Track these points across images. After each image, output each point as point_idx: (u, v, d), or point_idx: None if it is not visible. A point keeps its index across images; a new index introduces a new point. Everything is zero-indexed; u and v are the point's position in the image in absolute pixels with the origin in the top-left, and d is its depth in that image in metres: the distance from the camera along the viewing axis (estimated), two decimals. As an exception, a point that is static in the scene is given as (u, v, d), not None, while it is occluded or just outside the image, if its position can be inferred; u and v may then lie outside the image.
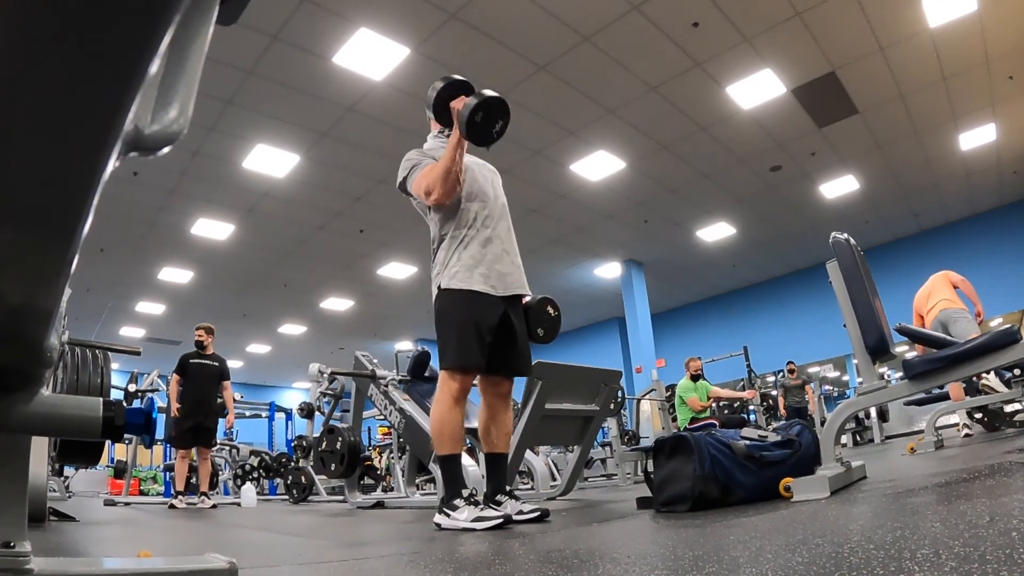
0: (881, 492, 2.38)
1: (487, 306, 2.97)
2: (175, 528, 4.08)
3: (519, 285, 3.12)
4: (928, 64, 8.16)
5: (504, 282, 3.04)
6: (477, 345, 2.93)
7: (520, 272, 3.16)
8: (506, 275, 3.06)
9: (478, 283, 2.97)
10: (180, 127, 0.64)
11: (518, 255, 3.20)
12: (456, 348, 2.95)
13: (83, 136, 0.50)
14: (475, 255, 3.01)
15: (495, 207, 3.14)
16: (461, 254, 3.03)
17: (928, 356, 2.68)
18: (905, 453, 5.53)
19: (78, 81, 0.44)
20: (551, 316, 3.34)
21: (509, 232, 3.18)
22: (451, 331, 2.97)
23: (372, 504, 5.51)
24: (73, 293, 1.38)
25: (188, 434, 6.94)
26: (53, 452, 3.60)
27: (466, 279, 2.97)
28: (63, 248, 0.64)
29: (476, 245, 3.03)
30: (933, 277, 6.96)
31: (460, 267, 3.00)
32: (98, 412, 1.11)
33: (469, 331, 2.93)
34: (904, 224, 13.87)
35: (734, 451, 2.63)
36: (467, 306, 2.95)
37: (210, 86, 7.35)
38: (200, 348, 7.30)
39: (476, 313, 2.94)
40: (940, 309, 6.50)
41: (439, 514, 2.82)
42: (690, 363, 8.55)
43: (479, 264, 3.00)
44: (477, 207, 3.08)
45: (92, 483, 13.30)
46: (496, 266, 3.03)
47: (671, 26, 7.18)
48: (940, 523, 1.39)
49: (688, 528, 2.00)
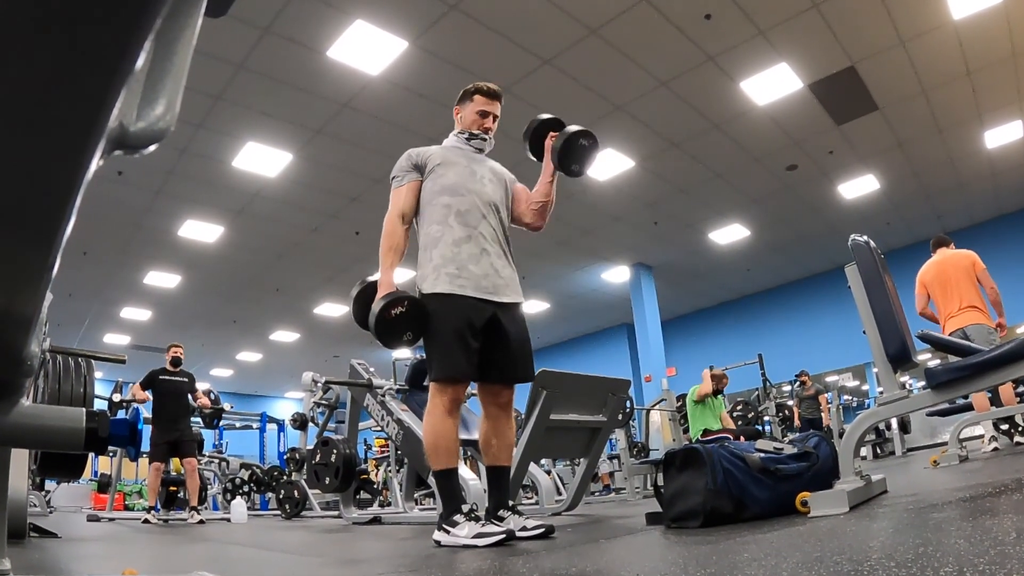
0: (903, 507, 2.37)
1: (468, 309, 2.94)
2: (161, 545, 4.08)
3: (496, 290, 3.05)
4: (952, 58, 8.15)
5: (478, 284, 2.99)
6: (462, 353, 2.91)
7: (500, 276, 3.08)
8: (482, 277, 3.01)
9: (443, 284, 2.95)
10: (167, 124, 0.64)
11: (504, 256, 3.15)
12: (440, 358, 2.95)
13: (65, 133, 0.50)
14: (445, 254, 3.00)
15: (478, 203, 3.10)
16: (432, 253, 3.03)
17: (952, 364, 2.67)
18: (928, 466, 5.51)
19: (60, 75, 0.44)
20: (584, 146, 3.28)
21: (495, 232, 3.13)
22: (434, 340, 2.97)
23: (368, 520, 5.50)
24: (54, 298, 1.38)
25: (163, 447, 7.11)
26: (34, 465, 3.60)
27: (434, 282, 2.98)
28: (44, 251, 0.64)
29: (447, 243, 3.01)
30: (955, 258, 6.42)
31: (429, 267, 3.02)
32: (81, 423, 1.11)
33: (450, 339, 2.91)
34: (926, 226, 13.82)
35: (748, 464, 2.63)
36: (446, 312, 2.93)
37: (198, 81, 7.36)
38: (175, 365, 7.42)
39: (456, 318, 2.92)
40: (971, 323, 6.09)
41: (438, 530, 2.82)
42: (720, 377, 8.33)
43: (448, 263, 2.98)
44: (451, 200, 3.07)
45: (74, 498, 13.30)
46: (470, 267, 2.99)
47: (682, 18, 7.18)
48: (964, 540, 1.39)
49: (700, 545, 1.99)
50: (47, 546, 3.50)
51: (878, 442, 11.93)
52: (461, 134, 3.28)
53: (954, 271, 6.33)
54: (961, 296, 6.24)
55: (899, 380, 2.87)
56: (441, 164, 3.14)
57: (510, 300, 3.10)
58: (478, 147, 3.29)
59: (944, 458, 5.51)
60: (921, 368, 2.89)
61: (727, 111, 9.01)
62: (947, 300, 6.33)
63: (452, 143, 3.30)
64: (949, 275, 6.35)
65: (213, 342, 17.68)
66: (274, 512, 8.91)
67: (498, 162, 3.39)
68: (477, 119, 3.25)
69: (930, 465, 5.49)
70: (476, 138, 3.27)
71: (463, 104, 3.29)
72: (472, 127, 3.26)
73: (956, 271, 6.33)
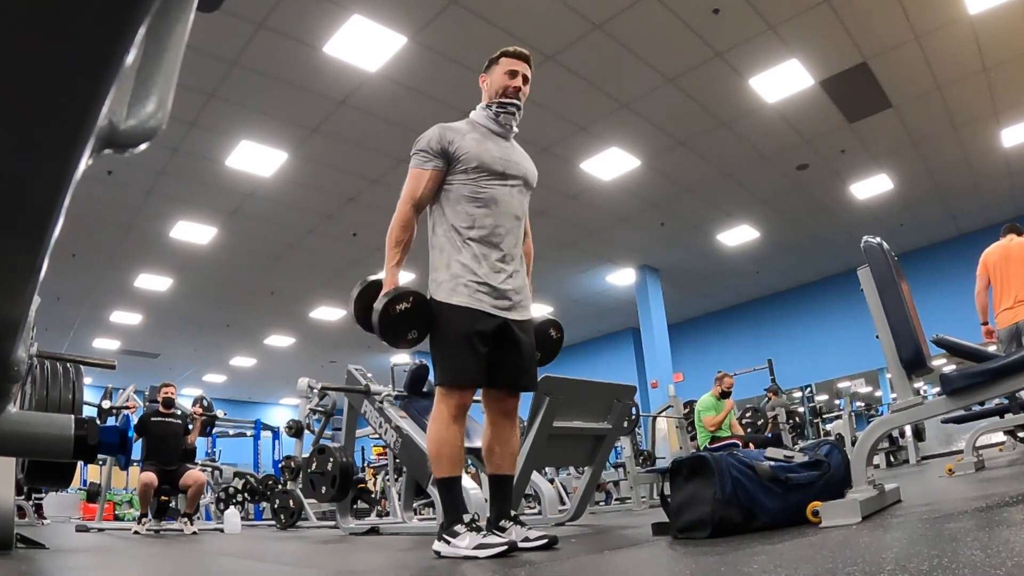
0: (917, 517, 2.37)
1: (478, 317, 2.93)
2: (152, 556, 4.08)
3: (513, 307, 3.05)
4: (968, 54, 8.15)
5: (496, 300, 2.98)
6: (473, 358, 2.90)
7: (519, 293, 3.08)
8: (501, 292, 2.99)
9: (462, 296, 2.93)
10: (158, 122, 0.65)
11: (524, 274, 3.16)
12: (450, 362, 2.94)
13: (53, 132, 0.50)
14: (467, 264, 2.97)
15: (505, 216, 3.07)
16: (451, 261, 2.99)
17: (968, 370, 2.67)
18: (943, 475, 5.50)
19: (48, 72, 0.44)
20: (552, 339, 3.35)
21: (516, 247, 3.12)
22: (444, 344, 2.96)
23: (366, 530, 5.50)
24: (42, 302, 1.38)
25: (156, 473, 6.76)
26: (21, 474, 3.60)
27: (450, 291, 2.95)
28: (31, 253, 0.64)
29: (469, 255, 2.98)
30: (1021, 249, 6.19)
31: (447, 276, 2.98)
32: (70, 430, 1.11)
33: (463, 343, 2.90)
34: (941, 227, 13.83)
35: (758, 473, 2.62)
36: (461, 318, 2.93)
37: (190, 78, 7.36)
38: (168, 407, 7.24)
39: (471, 324, 2.92)
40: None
41: (438, 541, 2.81)
42: (724, 379, 8.41)
43: (467, 275, 2.95)
44: (480, 211, 3.03)
45: (63, 507, 13.30)
46: (489, 281, 2.98)
47: (689, 13, 7.19)
48: (981, 550, 1.39)
49: (708, 556, 1.99)
50: (35, 557, 3.50)
51: (892, 450, 11.89)
52: (488, 107, 3.18)
53: (1017, 262, 6.15)
54: (1019, 289, 6.08)
55: (913, 386, 2.86)
56: (468, 155, 3.04)
57: (523, 318, 3.10)
58: (506, 123, 3.17)
59: (960, 466, 5.50)
60: (936, 374, 2.88)
61: (736, 109, 9.01)
62: (1004, 291, 6.21)
63: (480, 118, 3.19)
64: (1011, 264, 6.18)
65: (206, 347, 17.70)
66: (269, 522, 8.91)
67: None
68: (505, 79, 3.13)
69: (945, 474, 5.48)
70: (505, 111, 3.15)
71: (489, 70, 3.20)
72: (501, 92, 3.14)
73: (1019, 263, 6.15)
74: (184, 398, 14.50)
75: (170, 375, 18.38)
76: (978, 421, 6.09)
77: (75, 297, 13.35)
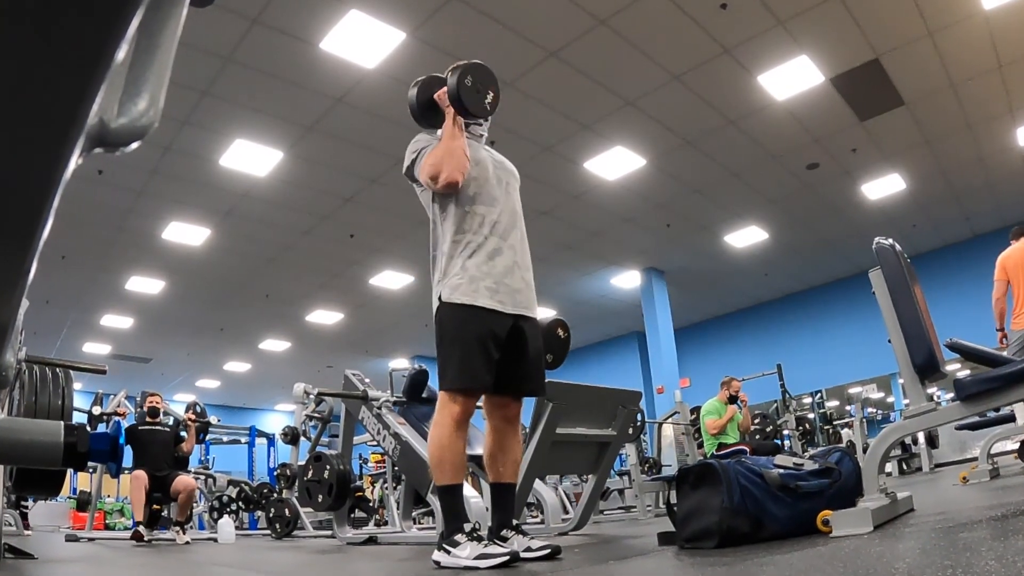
0: (930, 526, 2.37)
1: (494, 319, 2.95)
2: (144, 567, 4.08)
3: (528, 305, 3.09)
4: (982, 50, 8.15)
5: (514, 299, 3.01)
6: (483, 363, 2.90)
7: (531, 290, 3.13)
8: (516, 292, 3.03)
9: (484, 298, 2.94)
10: (150, 120, 0.65)
11: (530, 270, 3.18)
12: (458, 366, 2.93)
13: (41, 130, 0.50)
14: (481, 266, 2.99)
15: (506, 214, 3.11)
16: (465, 263, 3.00)
17: (983, 375, 2.66)
18: (957, 483, 5.49)
19: (36, 68, 0.44)
20: (560, 339, 3.35)
21: (522, 243, 3.16)
22: (453, 347, 2.95)
23: (364, 540, 5.49)
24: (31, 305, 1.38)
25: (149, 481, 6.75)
26: (9, 482, 3.61)
27: (470, 292, 2.95)
28: (19, 255, 0.64)
29: (483, 255, 3.00)
30: None
31: (464, 278, 2.97)
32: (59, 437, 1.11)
33: (473, 347, 2.90)
34: (955, 228, 13.83)
35: (767, 481, 2.62)
36: (472, 320, 2.93)
37: (183, 74, 7.37)
38: (153, 416, 7.24)
39: (482, 327, 2.92)
40: None
41: (438, 551, 2.81)
42: (731, 383, 8.36)
43: (486, 277, 2.97)
44: (485, 211, 3.06)
45: (52, 516, 13.31)
46: (505, 280, 3.00)
47: (696, 7, 7.19)
48: (996, 560, 1.38)
49: (715, 567, 1.99)
50: (23, 568, 3.50)
51: (904, 457, 11.87)
52: None
53: None
54: None
55: (926, 392, 2.85)
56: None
57: (533, 316, 3.14)
58: (478, 133, 3.27)
59: (974, 474, 5.48)
60: (950, 379, 2.88)
61: (744, 106, 9.02)
62: (1022, 295, 6.22)
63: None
64: None
65: (199, 351, 17.71)
66: (264, 531, 8.90)
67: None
68: None
69: (959, 482, 5.47)
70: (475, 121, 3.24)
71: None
72: None
73: None
74: (176, 404, 14.54)
75: (162, 380, 18.41)
76: (993, 427, 6.08)
77: (65, 300, 13.36)
